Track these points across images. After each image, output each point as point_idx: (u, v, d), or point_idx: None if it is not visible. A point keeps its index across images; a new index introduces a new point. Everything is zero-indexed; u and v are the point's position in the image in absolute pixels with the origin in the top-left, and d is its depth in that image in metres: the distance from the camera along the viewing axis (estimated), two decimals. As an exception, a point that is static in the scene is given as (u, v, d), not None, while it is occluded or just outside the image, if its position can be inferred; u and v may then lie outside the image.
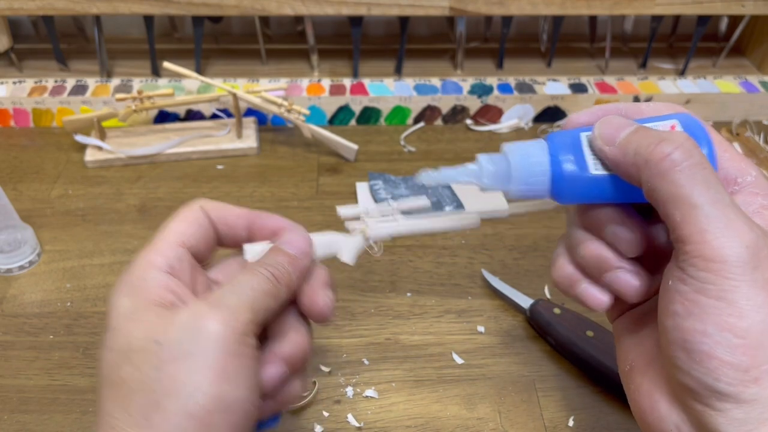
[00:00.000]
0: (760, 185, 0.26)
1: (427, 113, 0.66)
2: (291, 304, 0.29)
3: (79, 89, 0.65)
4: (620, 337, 0.29)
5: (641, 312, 0.29)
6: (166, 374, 0.23)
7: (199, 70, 0.67)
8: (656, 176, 0.23)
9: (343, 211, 0.33)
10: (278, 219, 0.30)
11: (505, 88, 0.66)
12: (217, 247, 0.30)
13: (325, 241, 0.31)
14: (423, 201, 0.35)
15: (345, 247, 0.32)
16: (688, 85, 0.68)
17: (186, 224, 0.29)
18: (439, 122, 0.67)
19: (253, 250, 0.30)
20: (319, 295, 0.29)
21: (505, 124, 0.66)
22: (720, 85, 0.68)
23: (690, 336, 0.23)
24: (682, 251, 0.23)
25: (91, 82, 0.66)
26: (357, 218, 0.33)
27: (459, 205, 0.54)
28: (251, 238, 0.30)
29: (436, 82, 0.67)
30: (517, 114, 0.67)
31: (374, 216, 0.33)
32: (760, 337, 0.22)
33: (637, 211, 0.27)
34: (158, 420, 0.23)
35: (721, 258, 0.22)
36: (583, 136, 0.27)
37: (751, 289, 0.22)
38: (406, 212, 0.34)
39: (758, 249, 0.23)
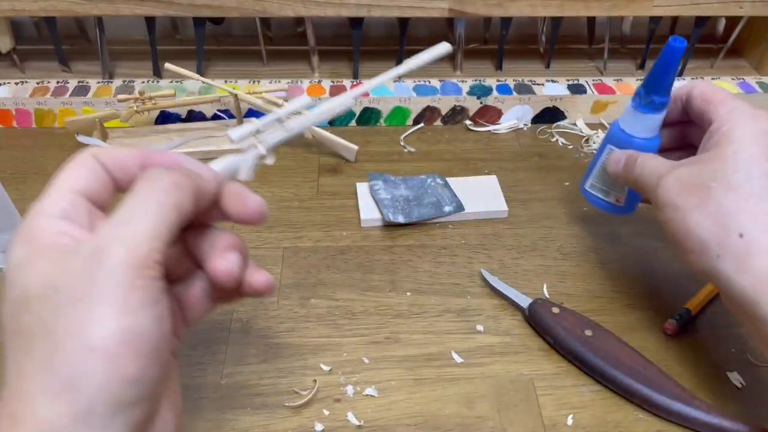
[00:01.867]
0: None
1: (427, 114, 0.66)
2: (210, 228, 0.29)
3: (81, 90, 0.65)
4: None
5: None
6: (64, 317, 0.23)
7: (201, 72, 0.67)
8: (713, 106, 0.40)
9: (234, 134, 0.33)
10: (173, 155, 0.30)
11: (504, 89, 0.67)
12: (117, 193, 0.29)
13: (224, 166, 0.32)
14: (305, 100, 0.36)
15: (242, 165, 0.32)
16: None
17: (78, 171, 0.28)
18: (438, 123, 0.67)
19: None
20: (247, 196, 0.29)
21: (504, 125, 0.67)
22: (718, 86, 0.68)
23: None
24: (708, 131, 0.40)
25: (93, 83, 0.66)
26: (251, 137, 0.34)
27: (459, 206, 0.54)
28: None
29: (435, 83, 0.68)
30: (516, 115, 0.67)
31: (265, 129, 0.34)
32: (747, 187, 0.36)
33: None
34: (60, 360, 0.22)
35: (733, 125, 0.38)
36: (607, 149, 0.38)
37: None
38: (295, 117, 0.35)
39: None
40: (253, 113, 0.65)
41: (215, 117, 0.66)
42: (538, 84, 0.68)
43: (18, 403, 0.23)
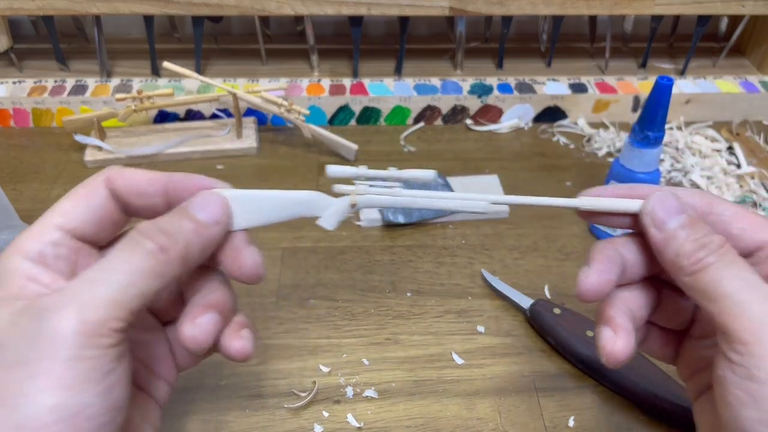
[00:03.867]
0: None
1: (427, 113, 0.66)
2: (206, 269, 0.26)
3: (79, 89, 0.65)
4: (700, 419, 0.29)
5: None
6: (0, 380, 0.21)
7: (199, 70, 0.67)
8: (688, 278, 0.25)
9: (333, 170, 0.29)
10: (200, 179, 0.27)
11: (505, 88, 0.66)
12: (128, 221, 0.27)
13: (296, 199, 0.28)
14: (428, 173, 0.29)
15: (326, 209, 0.28)
16: (688, 85, 0.68)
17: (73, 203, 0.25)
18: (439, 122, 0.67)
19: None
20: (244, 255, 0.26)
21: (505, 124, 0.66)
22: (720, 85, 0.68)
23: (748, 425, 0.22)
24: (724, 341, 0.23)
25: (91, 82, 0.66)
26: (349, 182, 0.29)
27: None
28: (171, 205, 0.26)
29: (436, 82, 0.67)
30: (517, 114, 0.67)
31: (369, 181, 0.29)
32: None
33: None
34: None
35: (760, 339, 0.22)
36: None
37: None
38: (406, 184, 0.29)
39: None
40: (252, 112, 0.64)
41: (214, 116, 0.65)
42: (539, 83, 0.67)
43: None
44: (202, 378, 0.42)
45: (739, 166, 0.61)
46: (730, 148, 0.64)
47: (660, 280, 0.29)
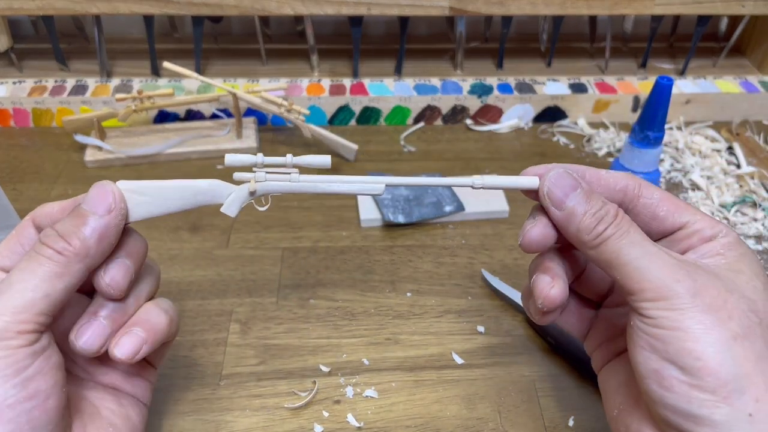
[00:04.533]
0: (724, 240, 0.29)
1: (427, 113, 0.66)
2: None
3: (79, 89, 0.65)
4: (606, 386, 0.32)
5: (625, 359, 0.31)
6: None
7: (199, 70, 0.67)
8: (592, 251, 0.28)
9: (231, 159, 0.30)
10: (106, 191, 0.29)
11: (505, 88, 0.66)
12: None
13: (197, 188, 0.29)
14: (323, 159, 0.31)
15: (228, 197, 0.30)
16: (688, 85, 0.68)
17: (4, 246, 0.29)
18: (439, 122, 0.67)
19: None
20: (104, 275, 0.29)
21: (505, 124, 0.66)
22: (720, 85, 0.68)
23: (657, 365, 0.26)
24: (632, 301, 0.27)
25: (91, 82, 0.66)
26: (248, 169, 0.30)
27: (460, 206, 0.54)
28: None
29: (436, 82, 0.67)
30: (517, 114, 0.67)
31: (267, 168, 0.30)
32: (719, 357, 0.25)
33: None
34: None
35: (662, 295, 0.26)
36: None
37: (697, 314, 0.25)
38: (304, 169, 0.30)
39: (692, 280, 0.26)
40: (252, 112, 0.64)
41: (214, 116, 0.65)
42: (539, 83, 0.67)
43: None
44: (202, 377, 0.42)
45: (739, 166, 0.61)
46: (729, 148, 0.64)
47: None
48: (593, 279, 0.34)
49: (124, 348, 0.30)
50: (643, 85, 0.68)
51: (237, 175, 0.30)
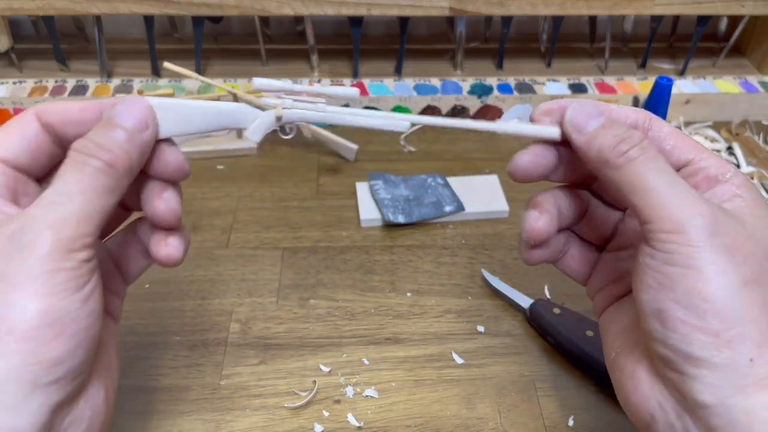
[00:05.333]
0: (736, 181, 0.28)
1: (427, 113, 0.66)
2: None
3: (80, 89, 0.65)
4: (606, 329, 0.31)
5: (626, 302, 0.30)
6: None
7: (200, 71, 0.67)
8: (615, 172, 0.26)
9: (259, 82, 0.29)
10: (135, 98, 0.28)
11: (504, 88, 0.66)
12: (61, 155, 0.28)
13: (223, 109, 0.28)
14: (352, 91, 0.31)
15: (253, 121, 0.29)
16: (688, 85, 0.68)
17: (6, 135, 0.27)
18: (439, 122, 0.67)
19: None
20: (166, 154, 0.28)
21: (505, 124, 0.66)
22: (720, 86, 0.68)
23: (663, 305, 0.25)
24: (648, 231, 0.25)
25: (92, 83, 0.66)
26: (277, 95, 0.29)
27: (460, 206, 0.54)
28: None
29: (435, 82, 0.67)
30: (516, 114, 0.67)
31: (295, 96, 0.30)
32: (727, 301, 0.24)
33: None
34: None
35: (681, 228, 0.24)
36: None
37: (712, 254, 0.24)
38: (332, 101, 0.30)
39: (714, 218, 0.25)
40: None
41: (214, 116, 0.65)
42: (539, 83, 0.67)
43: None
44: (202, 377, 0.42)
45: (738, 166, 0.61)
46: (729, 148, 0.64)
47: (590, 191, 0.32)
48: (596, 221, 0.33)
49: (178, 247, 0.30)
50: (642, 86, 0.68)
51: (264, 101, 0.29)
